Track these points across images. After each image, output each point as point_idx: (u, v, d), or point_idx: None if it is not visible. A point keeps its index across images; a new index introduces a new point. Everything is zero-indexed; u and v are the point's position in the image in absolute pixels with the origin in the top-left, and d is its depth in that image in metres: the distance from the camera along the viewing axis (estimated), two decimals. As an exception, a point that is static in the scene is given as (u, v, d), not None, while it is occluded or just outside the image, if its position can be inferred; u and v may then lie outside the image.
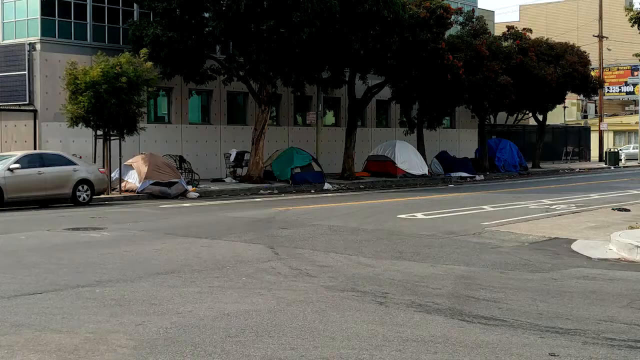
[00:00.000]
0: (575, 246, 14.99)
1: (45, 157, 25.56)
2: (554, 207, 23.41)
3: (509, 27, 49.01)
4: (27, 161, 24.59)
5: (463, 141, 53.60)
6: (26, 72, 31.96)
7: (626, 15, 29.03)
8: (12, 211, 23.26)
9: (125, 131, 28.05)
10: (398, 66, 36.43)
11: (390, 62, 35.50)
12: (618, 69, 79.52)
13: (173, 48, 31.06)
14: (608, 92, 76.50)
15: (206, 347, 7.65)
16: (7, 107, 32.49)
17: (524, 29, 49.21)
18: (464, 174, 41.79)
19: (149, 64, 28.15)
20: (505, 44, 46.19)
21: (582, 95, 61.10)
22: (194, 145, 36.95)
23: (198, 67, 33.45)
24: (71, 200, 25.20)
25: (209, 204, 25.74)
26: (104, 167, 27.40)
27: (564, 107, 72.96)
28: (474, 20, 44.73)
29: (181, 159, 32.69)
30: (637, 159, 63.15)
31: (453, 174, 41.78)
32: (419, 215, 20.93)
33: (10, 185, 23.74)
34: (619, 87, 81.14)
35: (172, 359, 7.30)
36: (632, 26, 28.64)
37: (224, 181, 34.28)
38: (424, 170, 40.53)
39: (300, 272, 11.93)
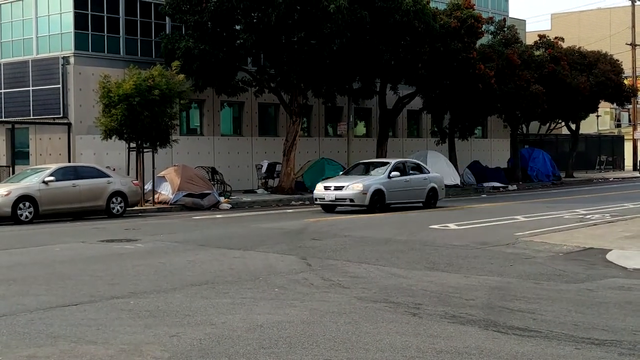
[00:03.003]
0: (610, 256, 14.81)
1: (79, 169, 25.82)
2: (588, 216, 23.18)
3: (541, 36, 48.82)
4: (62, 174, 24.85)
5: (495, 151, 53.30)
6: (60, 86, 32.37)
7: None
8: (47, 223, 23.50)
9: (158, 143, 28.24)
10: (429, 76, 36.37)
11: (421, 72, 35.45)
12: (652, 77, 78.51)
13: (205, 60, 31.27)
14: (642, 100, 75.56)
15: (239, 358, 7.65)
16: (42, 121, 32.87)
17: (555, 37, 48.97)
18: (497, 184, 41.54)
19: (181, 76, 28.36)
20: (537, 53, 45.97)
21: (615, 104, 60.58)
22: (226, 157, 37.12)
23: (230, 79, 33.63)
24: (105, 212, 25.40)
25: (241, 215, 25.83)
26: (137, 179, 27.59)
27: (597, 116, 72.26)
28: (505, 29, 44.61)
29: (213, 171, 32.83)
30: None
31: (485, 184, 41.55)
32: (452, 226, 20.83)
33: (45, 198, 23.99)
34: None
35: (206, 371, 7.32)
36: None
37: (255, 192, 34.38)
38: (456, 180, 40.33)
39: (332, 283, 11.91)
